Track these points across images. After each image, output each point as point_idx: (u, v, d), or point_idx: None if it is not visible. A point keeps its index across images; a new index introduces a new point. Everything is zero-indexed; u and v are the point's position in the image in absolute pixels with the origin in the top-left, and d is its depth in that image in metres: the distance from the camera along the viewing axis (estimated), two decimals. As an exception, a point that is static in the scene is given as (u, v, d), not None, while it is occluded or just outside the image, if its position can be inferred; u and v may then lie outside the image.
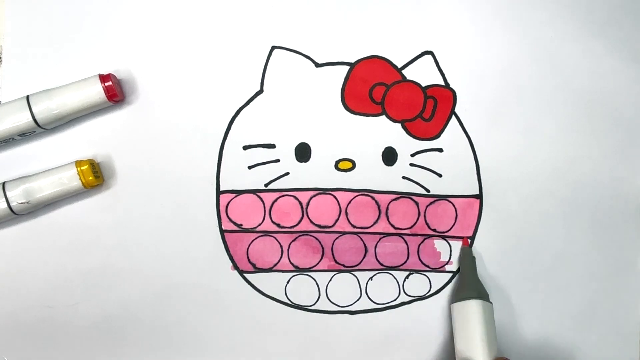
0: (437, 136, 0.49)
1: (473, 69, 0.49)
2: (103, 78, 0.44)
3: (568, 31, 0.50)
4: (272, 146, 0.48)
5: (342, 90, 0.48)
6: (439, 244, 0.49)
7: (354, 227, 0.48)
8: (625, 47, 0.50)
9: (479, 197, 0.49)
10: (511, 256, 0.50)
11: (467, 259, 0.48)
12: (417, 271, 0.49)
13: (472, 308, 0.45)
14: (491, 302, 0.46)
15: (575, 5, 0.50)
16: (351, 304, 0.49)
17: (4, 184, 0.44)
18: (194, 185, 0.47)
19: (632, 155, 0.50)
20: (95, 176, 0.45)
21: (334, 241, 0.48)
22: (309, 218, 0.48)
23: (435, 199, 0.49)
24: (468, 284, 0.47)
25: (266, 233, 0.48)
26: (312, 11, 0.48)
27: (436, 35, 0.49)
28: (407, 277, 0.49)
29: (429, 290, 0.49)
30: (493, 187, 0.49)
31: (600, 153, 0.50)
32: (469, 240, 0.49)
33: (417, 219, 0.49)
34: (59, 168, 0.45)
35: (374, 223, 0.49)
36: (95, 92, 0.44)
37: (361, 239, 0.49)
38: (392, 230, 0.49)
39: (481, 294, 0.46)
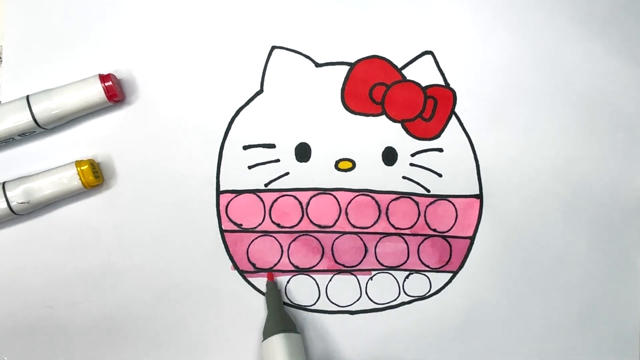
0: (437, 136, 0.49)
1: (473, 69, 0.49)
2: (103, 78, 0.44)
3: (568, 32, 0.50)
4: (272, 146, 0.48)
5: (342, 90, 0.48)
6: (439, 244, 0.49)
7: (354, 227, 0.48)
8: (625, 47, 0.50)
9: (479, 197, 0.49)
10: (511, 256, 0.50)
11: (272, 294, 0.47)
12: (417, 271, 0.49)
13: (276, 343, 0.44)
14: (299, 333, 0.46)
15: (575, 6, 0.50)
16: (351, 304, 0.49)
17: (4, 184, 0.44)
18: (194, 185, 0.47)
19: (632, 155, 0.50)
20: (95, 176, 0.45)
21: (334, 241, 0.48)
22: (309, 218, 0.48)
23: (435, 199, 0.49)
24: (273, 319, 0.46)
25: (266, 233, 0.48)
26: (312, 11, 0.48)
27: (436, 35, 0.49)
28: (407, 277, 0.49)
29: (429, 290, 0.49)
30: (493, 187, 0.49)
31: (600, 153, 0.50)
32: (273, 276, 0.48)
33: (417, 219, 0.49)
34: (59, 168, 0.45)
35: (374, 223, 0.49)
36: (95, 92, 0.44)
37: (361, 239, 0.49)
38: (392, 230, 0.49)
39: (286, 327, 0.45)
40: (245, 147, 0.48)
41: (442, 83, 0.49)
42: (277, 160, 0.48)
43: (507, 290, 0.50)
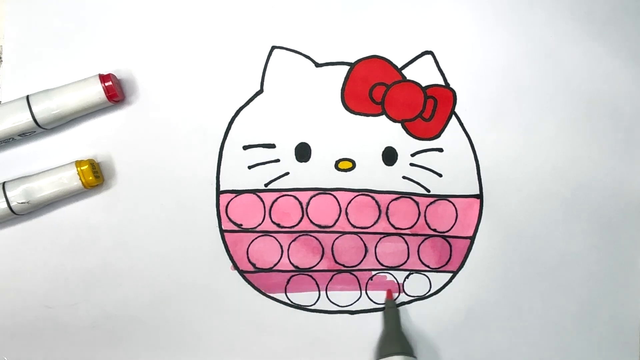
0: (437, 136, 0.49)
1: (473, 69, 0.49)
2: (103, 78, 0.44)
3: (568, 31, 0.50)
4: (272, 146, 0.48)
5: (342, 90, 0.48)
6: (439, 244, 0.49)
7: (354, 227, 0.48)
8: (625, 47, 0.50)
9: (479, 197, 0.49)
10: (511, 256, 0.50)
11: (391, 312, 0.47)
12: (417, 271, 0.49)
13: None
14: (415, 357, 0.46)
15: (576, 6, 0.50)
16: (351, 304, 0.49)
17: (4, 184, 0.44)
18: (194, 185, 0.47)
19: (632, 155, 0.50)
20: (95, 176, 0.45)
21: (334, 241, 0.48)
22: (309, 218, 0.48)
23: (435, 198, 0.49)
24: (392, 338, 0.46)
25: (266, 233, 0.48)
26: (312, 11, 0.48)
27: (436, 35, 0.49)
28: (407, 277, 0.49)
29: (429, 290, 0.49)
30: (493, 187, 0.49)
31: (600, 153, 0.50)
32: (393, 293, 0.48)
33: (418, 219, 0.49)
34: (59, 168, 0.45)
35: (374, 223, 0.49)
36: (95, 92, 0.44)
37: (361, 239, 0.49)
38: (393, 230, 0.49)
39: (405, 349, 0.45)
40: (245, 147, 0.48)
41: (442, 83, 0.49)
42: (277, 160, 0.48)
43: (507, 290, 0.50)
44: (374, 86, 0.48)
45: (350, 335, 0.49)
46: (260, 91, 0.48)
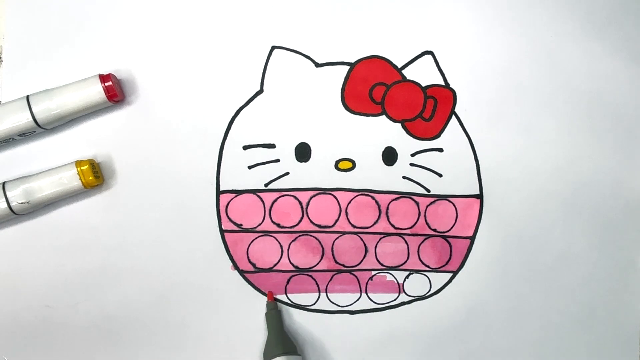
0: (437, 136, 0.49)
1: (473, 69, 0.49)
2: (103, 78, 0.44)
3: (568, 31, 0.50)
4: (272, 146, 0.48)
5: (342, 90, 0.48)
6: (439, 244, 0.49)
7: (354, 227, 0.48)
8: (625, 47, 0.50)
9: (479, 197, 0.49)
10: (511, 256, 0.50)
11: (272, 314, 0.47)
12: (417, 271, 0.49)
13: None
14: (299, 355, 0.46)
15: (575, 6, 0.50)
16: (351, 304, 0.49)
17: (4, 184, 0.44)
18: (194, 185, 0.47)
19: (632, 155, 0.50)
20: (95, 176, 0.45)
21: (334, 241, 0.48)
22: (309, 218, 0.48)
23: (435, 199, 0.49)
24: (274, 340, 0.46)
25: (266, 233, 0.48)
26: (312, 11, 0.48)
27: (436, 35, 0.49)
28: (407, 277, 0.49)
29: (429, 290, 0.49)
30: (493, 187, 0.49)
31: (600, 153, 0.50)
32: (274, 295, 0.48)
33: (418, 219, 0.49)
34: (59, 168, 0.45)
35: (374, 223, 0.49)
36: (95, 92, 0.44)
37: (361, 239, 0.49)
38: (393, 230, 0.49)
39: (287, 349, 0.45)
40: (245, 147, 0.48)
41: (442, 83, 0.49)
42: (277, 160, 0.48)
43: (507, 290, 0.50)
44: (374, 86, 0.48)
45: (350, 335, 0.49)
46: (260, 91, 0.48)
